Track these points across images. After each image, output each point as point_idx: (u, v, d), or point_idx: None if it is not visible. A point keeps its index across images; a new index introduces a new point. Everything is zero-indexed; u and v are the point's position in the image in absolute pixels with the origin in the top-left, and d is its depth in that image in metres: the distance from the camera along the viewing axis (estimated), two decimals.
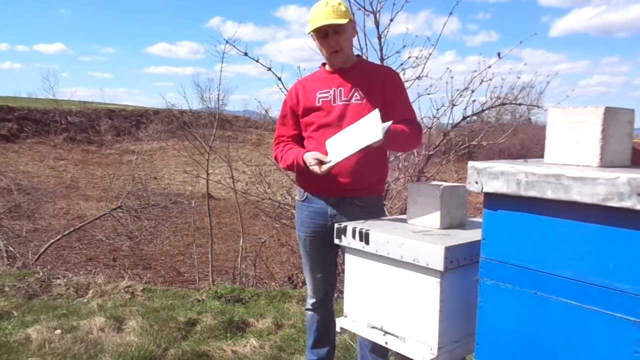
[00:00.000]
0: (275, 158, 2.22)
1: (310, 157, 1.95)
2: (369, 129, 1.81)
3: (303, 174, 2.10)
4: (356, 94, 2.03)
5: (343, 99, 2.03)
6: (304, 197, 2.16)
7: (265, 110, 5.59)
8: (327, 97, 2.06)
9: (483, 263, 1.26)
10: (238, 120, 26.17)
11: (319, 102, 2.07)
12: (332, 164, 1.89)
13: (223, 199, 12.68)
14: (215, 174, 7.62)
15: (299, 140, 2.17)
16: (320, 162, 1.92)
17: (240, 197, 6.82)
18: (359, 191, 2.03)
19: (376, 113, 1.81)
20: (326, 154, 1.95)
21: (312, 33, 2.04)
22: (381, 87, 2.03)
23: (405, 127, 1.98)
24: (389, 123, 1.81)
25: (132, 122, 24.21)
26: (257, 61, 4.26)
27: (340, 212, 2.06)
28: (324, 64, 2.17)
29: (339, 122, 2.01)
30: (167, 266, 7.61)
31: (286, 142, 2.17)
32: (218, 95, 7.66)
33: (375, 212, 2.07)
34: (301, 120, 2.13)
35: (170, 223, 10.07)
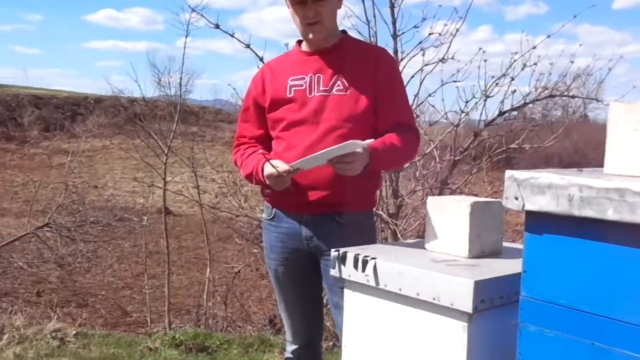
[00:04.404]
0: (235, 163, 2.23)
1: (270, 168, 1.93)
2: (347, 147, 1.84)
3: (268, 186, 2.09)
4: (339, 82, 2.03)
5: (322, 88, 2.04)
6: (272, 215, 2.16)
7: (242, 100, 5.61)
8: (302, 85, 2.06)
9: (524, 303, 1.26)
10: (206, 112, 26.19)
11: (290, 93, 2.07)
12: (294, 165, 1.88)
13: (185, 215, 12.65)
14: (175, 182, 7.60)
15: (265, 141, 2.17)
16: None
17: (207, 213, 6.81)
18: (340, 206, 2.03)
19: (352, 143, 1.84)
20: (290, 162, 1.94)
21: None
22: (372, 73, 2.04)
23: (396, 140, 1.99)
24: (369, 141, 1.86)
25: (65, 112, 24.14)
26: (232, 36, 4.30)
27: (317, 233, 2.05)
28: (299, 42, 2.17)
29: (316, 118, 2.01)
30: (109, 303, 7.57)
31: (249, 145, 2.18)
32: (180, 79, 7.66)
33: (364, 231, 2.07)
34: (268, 116, 2.13)
35: (115, 246, 10.01)
